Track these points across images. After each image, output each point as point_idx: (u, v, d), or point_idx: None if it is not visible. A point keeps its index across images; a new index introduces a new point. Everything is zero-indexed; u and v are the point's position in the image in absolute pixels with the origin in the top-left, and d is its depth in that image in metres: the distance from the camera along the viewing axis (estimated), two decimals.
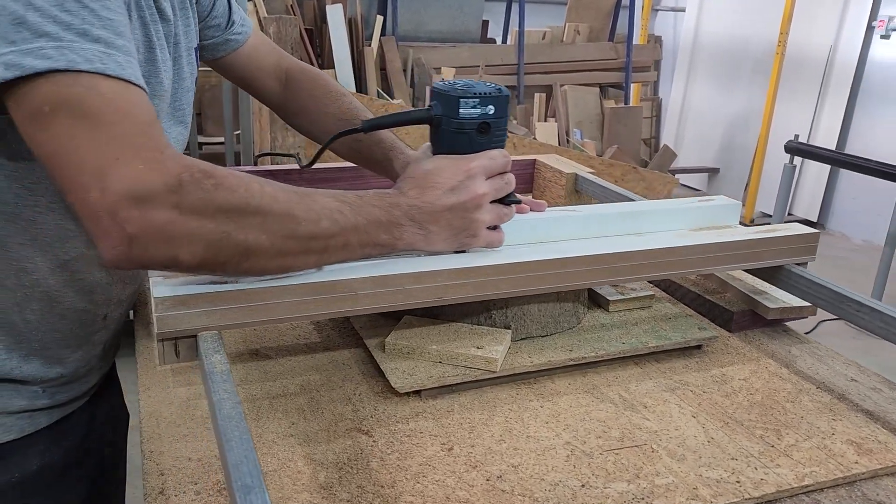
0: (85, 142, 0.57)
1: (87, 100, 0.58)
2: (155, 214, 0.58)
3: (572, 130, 4.50)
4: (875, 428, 0.79)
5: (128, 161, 0.58)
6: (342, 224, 0.69)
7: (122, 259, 0.59)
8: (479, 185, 0.77)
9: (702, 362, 0.91)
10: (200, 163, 0.63)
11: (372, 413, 0.77)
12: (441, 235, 0.77)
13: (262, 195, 0.64)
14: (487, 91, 0.77)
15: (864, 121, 4.90)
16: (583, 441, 0.74)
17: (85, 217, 0.59)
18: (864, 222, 4.92)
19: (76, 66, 0.58)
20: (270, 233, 0.65)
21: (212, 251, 0.62)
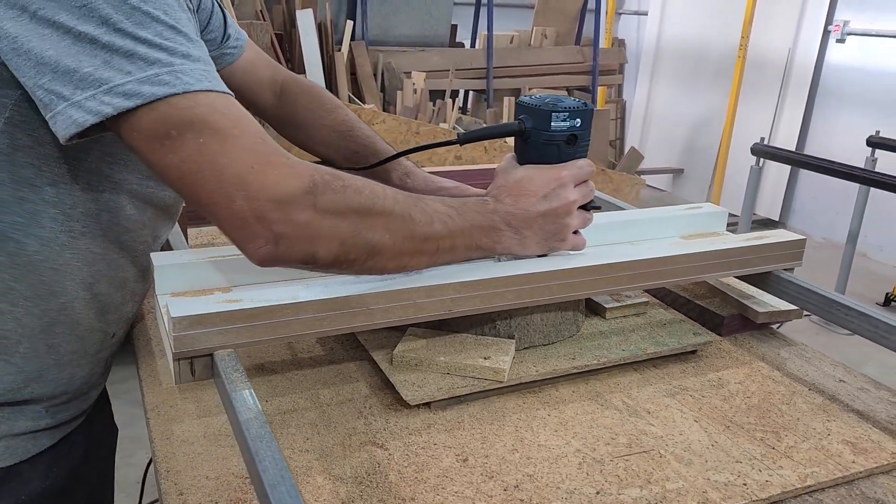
0: (219, 157, 0.62)
1: (210, 118, 0.62)
2: (297, 215, 0.63)
3: None
4: (867, 427, 0.82)
5: (263, 169, 0.62)
6: (451, 227, 0.75)
7: (269, 258, 0.64)
8: (570, 192, 0.82)
9: (698, 367, 0.94)
10: (321, 166, 0.68)
11: (384, 426, 0.78)
12: (534, 239, 0.82)
13: (384, 196, 0.70)
14: (575, 105, 0.82)
15: (821, 122, 5.04)
16: (592, 448, 0.76)
17: (231, 224, 0.63)
18: (824, 221, 5.06)
19: (191, 87, 0.62)
20: (392, 232, 0.70)
21: (344, 249, 0.67)
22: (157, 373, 0.87)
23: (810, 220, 5.20)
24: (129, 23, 0.61)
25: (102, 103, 0.60)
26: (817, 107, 5.05)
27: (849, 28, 4.78)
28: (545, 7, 4.96)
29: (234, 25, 1.06)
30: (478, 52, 4.59)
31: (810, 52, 4.96)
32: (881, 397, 0.90)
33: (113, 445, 1.08)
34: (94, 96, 0.60)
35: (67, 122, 0.61)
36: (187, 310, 0.65)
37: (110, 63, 0.60)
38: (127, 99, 0.60)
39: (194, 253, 0.80)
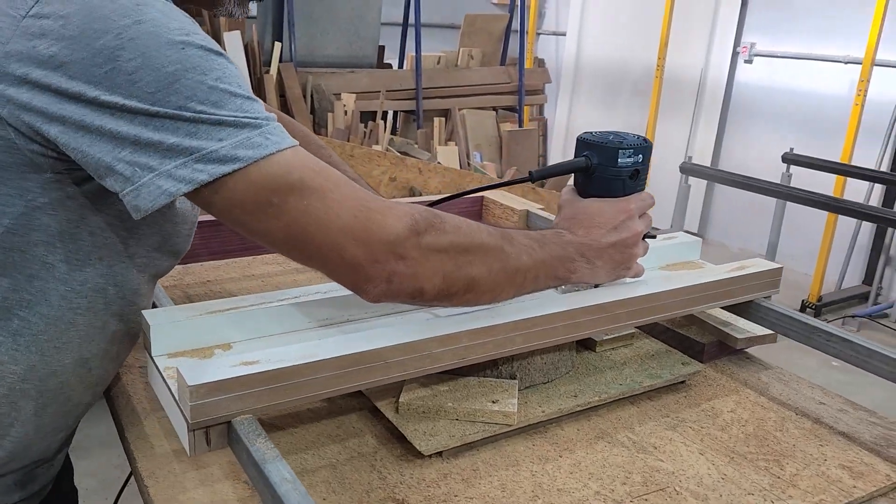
0: (324, 214, 0.64)
1: (307, 179, 0.64)
2: (406, 253, 0.67)
3: (472, 153, 4.59)
4: (858, 450, 0.86)
5: (366, 215, 0.65)
6: (535, 259, 0.77)
7: (383, 296, 0.68)
8: (637, 223, 0.86)
9: (689, 396, 0.96)
10: (415, 205, 0.70)
11: (399, 479, 0.75)
12: (605, 269, 0.85)
13: (479, 231, 0.73)
14: (639, 143, 0.87)
15: (733, 138, 5.30)
16: (610, 489, 0.76)
17: (344, 271, 0.67)
18: (740, 232, 5.31)
19: (281, 145, 0.64)
20: (488, 266, 0.73)
21: (446, 283, 0.70)
22: (147, 435, 0.81)
23: (727, 232, 5.44)
24: (209, 103, 0.62)
25: (195, 171, 0.60)
26: (729, 124, 5.30)
27: (756, 49, 5.05)
28: (471, 28, 5.02)
29: None
30: (406, 73, 4.60)
31: (721, 72, 5.22)
32: (860, 418, 0.94)
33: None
34: (186, 164, 0.60)
35: (156, 193, 0.60)
36: (203, 376, 0.61)
37: (196, 134, 0.61)
38: (223, 164, 0.61)
39: (187, 309, 0.76)
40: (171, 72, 0.60)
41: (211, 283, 1.24)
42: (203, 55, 0.62)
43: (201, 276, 1.25)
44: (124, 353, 0.82)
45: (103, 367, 0.78)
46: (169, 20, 0.62)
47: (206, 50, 0.63)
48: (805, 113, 4.74)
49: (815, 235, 4.33)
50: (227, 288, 1.22)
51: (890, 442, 0.89)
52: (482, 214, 1.52)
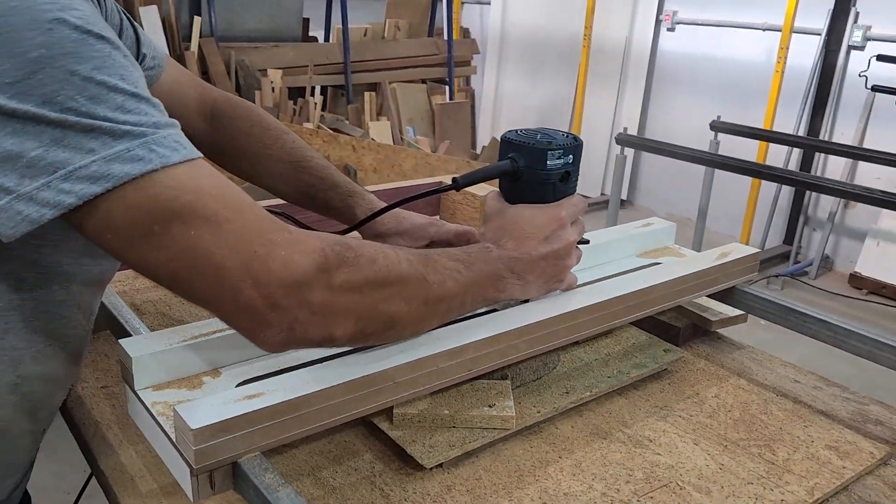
0: (215, 247, 0.54)
1: (198, 204, 0.54)
2: (312, 296, 0.58)
3: (405, 128, 4.53)
4: (840, 429, 0.88)
5: (267, 250, 0.56)
6: (462, 283, 0.71)
7: (284, 345, 0.59)
8: (569, 233, 0.80)
9: (673, 383, 0.96)
10: (330, 235, 0.62)
11: (402, 495, 0.73)
12: (536, 283, 0.79)
13: (398, 262, 0.65)
14: (569, 142, 0.80)
15: (658, 106, 5.41)
16: (616, 490, 0.75)
17: (238, 317, 0.57)
18: (666, 197, 5.45)
19: (169, 160, 0.53)
20: (409, 300, 0.65)
21: (361, 324, 0.62)
22: (124, 466, 0.75)
23: (654, 198, 5.57)
24: (83, 99, 0.50)
25: (61, 192, 0.50)
26: (654, 92, 5.40)
27: (678, 18, 5.14)
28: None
29: (150, 44, 0.91)
30: (333, 47, 4.48)
31: (645, 41, 5.29)
32: (834, 394, 0.97)
33: None
34: (49, 185, 0.50)
35: (16, 220, 0.50)
36: (206, 416, 0.56)
37: (62, 141, 0.50)
38: (93, 183, 0.50)
39: (167, 335, 0.70)
40: (34, 58, 0.49)
41: None
42: (79, 38, 0.51)
43: None
44: (67, 371, 0.74)
45: (42, 390, 0.70)
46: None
47: (84, 32, 0.52)
48: (727, 80, 4.87)
49: (739, 199, 4.49)
50: None
51: (865, 417, 0.92)
52: (440, 200, 1.49)
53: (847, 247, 4.47)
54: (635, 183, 5.66)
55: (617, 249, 1.03)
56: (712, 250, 1.02)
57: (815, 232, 4.60)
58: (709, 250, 1.03)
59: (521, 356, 0.78)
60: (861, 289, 4.19)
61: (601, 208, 5.50)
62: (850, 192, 2.60)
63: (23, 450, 0.72)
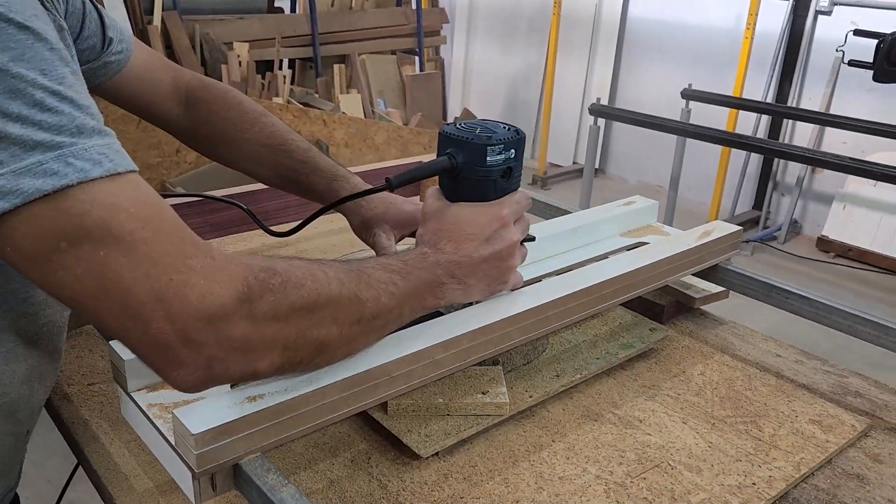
0: (127, 270, 0.49)
1: (111, 221, 0.48)
2: (231, 330, 0.52)
3: (376, 100, 4.47)
4: (822, 403, 0.90)
5: (183, 278, 0.50)
6: (398, 296, 0.66)
7: (201, 384, 0.53)
8: (512, 232, 0.76)
9: (659, 362, 0.98)
10: (257, 259, 0.57)
11: (400, 485, 0.73)
12: (478, 287, 0.75)
13: (328, 283, 0.60)
14: (510, 136, 0.75)
15: (629, 73, 5.40)
16: (609, 472, 0.76)
17: (147, 350, 0.51)
18: (637, 165, 5.48)
19: (88, 175, 0.48)
20: (341, 322, 0.61)
21: (288, 354, 0.57)
22: (117, 465, 0.75)
23: (625, 166, 5.60)
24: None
25: None
26: (624, 59, 5.39)
27: None
28: None
29: (116, 27, 0.87)
30: (300, 18, 4.39)
31: (615, 7, 5.27)
32: (815, 367, 0.99)
33: None
34: None
35: None
36: (206, 420, 0.55)
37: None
38: (1, 199, 0.46)
39: None
40: None
41: None
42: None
43: None
44: (45, 370, 0.72)
45: (18, 390, 0.68)
46: None
47: (5, 20, 0.47)
48: (697, 46, 4.88)
49: (710, 166, 4.53)
50: None
51: (845, 390, 0.94)
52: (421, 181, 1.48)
53: (815, 211, 4.55)
54: (607, 151, 5.68)
55: (602, 230, 1.03)
56: (695, 229, 1.03)
57: (783, 197, 4.67)
58: (692, 229, 1.04)
59: (514, 343, 0.78)
60: (829, 252, 4.28)
61: (573, 177, 5.52)
62: (821, 160, 2.64)
63: (5, 451, 0.70)
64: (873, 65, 2.00)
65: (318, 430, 0.63)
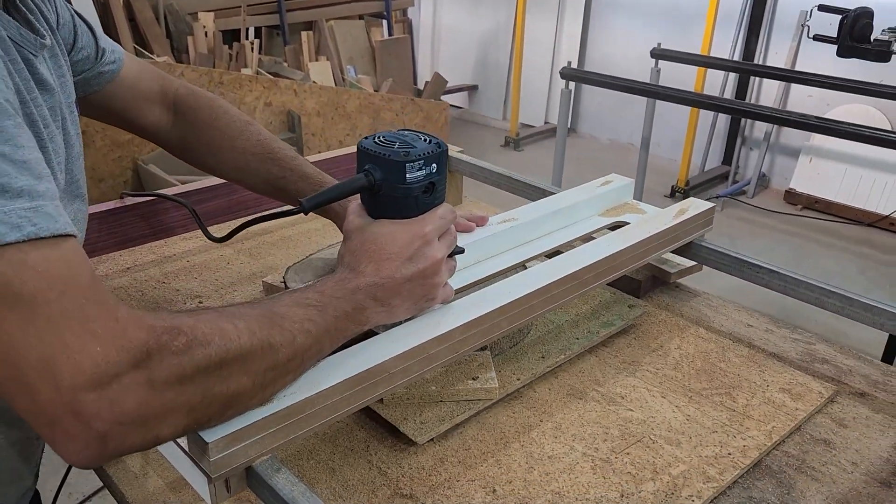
0: (21, 334, 0.46)
1: (14, 281, 0.46)
2: (125, 399, 0.49)
3: (346, 67, 4.42)
4: (792, 371, 0.96)
5: (79, 344, 0.47)
6: (315, 333, 0.64)
7: (94, 459, 0.50)
8: (436, 249, 0.73)
9: (638, 337, 1.02)
10: (164, 317, 0.54)
11: (399, 472, 0.77)
12: (403, 307, 0.73)
13: (238, 336, 0.57)
14: (430, 150, 0.72)
15: (598, 31, 5.40)
16: (595, 448, 0.81)
17: (39, 423, 0.48)
18: (607, 124, 5.51)
19: (4, 239, 0.47)
20: (252, 373, 0.58)
21: (194, 415, 0.55)
22: (125, 463, 0.78)
23: (596, 124, 5.63)
24: None
25: None
26: (593, 17, 5.38)
27: None
28: None
29: (107, 39, 0.91)
30: None
31: None
32: (784, 336, 1.05)
33: None
34: None
35: None
36: (220, 428, 0.58)
37: None
38: None
39: None
40: None
41: (132, 269, 1.16)
42: None
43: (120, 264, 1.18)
44: None
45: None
46: None
47: None
48: (665, 2, 4.88)
49: (679, 123, 4.58)
50: (153, 274, 1.15)
51: (813, 356, 1.00)
52: None
53: (782, 164, 4.63)
54: (578, 110, 5.70)
55: (581, 210, 1.07)
56: (670, 207, 1.07)
57: (752, 151, 4.75)
58: (667, 207, 1.07)
59: (503, 332, 0.82)
60: (796, 204, 4.38)
61: (546, 137, 5.54)
62: (786, 119, 2.69)
63: (15, 457, 0.73)
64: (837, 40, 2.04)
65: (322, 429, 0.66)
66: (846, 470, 0.80)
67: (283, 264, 1.17)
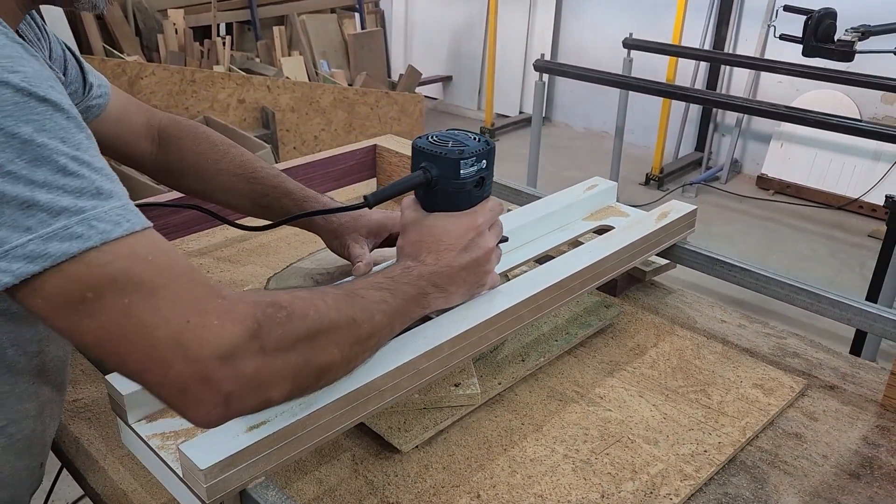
0: (148, 316, 0.52)
1: (132, 271, 0.53)
2: (245, 366, 0.56)
3: (319, 62, 4.40)
4: (764, 367, 0.98)
5: (199, 321, 0.54)
6: (389, 313, 0.71)
7: (219, 419, 0.57)
8: (488, 239, 0.81)
9: (615, 337, 1.05)
10: (263, 294, 0.61)
11: (384, 479, 0.79)
12: (459, 293, 0.80)
13: (328, 310, 0.64)
14: (480, 148, 0.79)
15: (571, 21, 5.42)
16: (576, 450, 0.83)
17: (168, 391, 0.54)
18: (582, 112, 5.54)
19: (109, 235, 0.52)
20: (340, 346, 0.65)
21: (297, 382, 0.61)
22: (114, 481, 0.78)
23: (570, 113, 5.66)
24: (22, 162, 0.49)
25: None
26: (565, 6, 5.39)
27: None
28: None
29: (94, 73, 0.92)
30: None
31: None
32: (756, 331, 1.08)
33: None
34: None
35: None
36: (214, 454, 0.59)
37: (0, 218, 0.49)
38: (31, 262, 0.50)
39: None
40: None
41: None
42: (21, 101, 0.50)
43: None
44: (53, 404, 0.76)
45: (32, 427, 0.72)
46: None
47: (28, 94, 0.51)
48: None
49: (652, 110, 4.62)
50: None
51: (784, 351, 1.03)
52: (376, 163, 1.51)
53: (754, 150, 4.70)
54: (553, 99, 5.72)
55: (567, 215, 1.09)
56: (653, 211, 1.09)
57: (724, 138, 4.80)
58: (650, 211, 1.09)
59: (491, 344, 0.83)
60: (768, 189, 4.44)
61: (521, 127, 5.55)
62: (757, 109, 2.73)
63: (20, 486, 0.74)
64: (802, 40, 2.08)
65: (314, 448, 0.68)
66: (817, 463, 0.83)
67: (262, 272, 1.18)
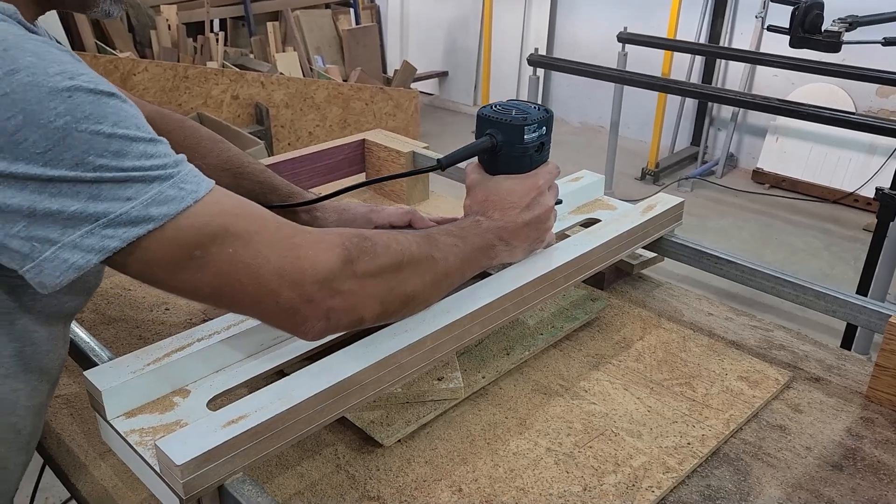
0: (252, 260, 0.61)
1: (230, 225, 0.60)
2: (341, 286, 0.65)
3: (313, 58, 4.39)
4: (749, 359, 0.98)
5: (296, 253, 0.63)
6: (461, 257, 0.79)
7: (323, 333, 0.67)
8: (548, 198, 0.89)
9: (601, 330, 1.04)
10: (346, 230, 0.69)
11: (366, 474, 0.78)
12: (522, 247, 0.87)
13: (408, 244, 0.72)
14: (541, 115, 0.87)
15: (566, 14, 5.40)
16: (559, 444, 0.83)
17: (280, 316, 0.64)
18: (577, 107, 5.53)
19: (199, 193, 0.59)
20: (422, 279, 0.73)
21: (384, 306, 0.70)
22: (96, 479, 0.78)
23: (566, 107, 5.65)
24: (109, 154, 0.55)
25: (105, 238, 0.55)
26: (560, 1, 5.38)
27: None
28: None
29: None
30: None
31: None
32: (743, 324, 1.07)
33: None
34: (92, 231, 0.55)
35: (62, 268, 0.55)
36: (190, 450, 0.58)
37: (100, 196, 0.55)
38: (135, 226, 0.56)
39: (130, 361, 0.71)
40: (60, 126, 0.53)
41: None
42: (94, 100, 0.56)
43: None
44: (49, 399, 0.77)
45: (33, 423, 0.73)
46: (47, 64, 0.55)
47: (97, 93, 0.57)
48: None
49: (648, 105, 4.61)
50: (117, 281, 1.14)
51: (770, 343, 1.03)
52: (365, 157, 1.50)
53: (749, 144, 4.69)
54: (548, 94, 5.71)
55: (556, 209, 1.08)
56: (639, 204, 1.09)
57: (720, 132, 4.80)
58: (637, 203, 1.09)
59: (475, 338, 0.83)
60: (763, 183, 4.44)
61: None
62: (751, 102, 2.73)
63: (14, 481, 0.74)
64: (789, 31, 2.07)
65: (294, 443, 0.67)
66: (800, 455, 0.83)
67: None
